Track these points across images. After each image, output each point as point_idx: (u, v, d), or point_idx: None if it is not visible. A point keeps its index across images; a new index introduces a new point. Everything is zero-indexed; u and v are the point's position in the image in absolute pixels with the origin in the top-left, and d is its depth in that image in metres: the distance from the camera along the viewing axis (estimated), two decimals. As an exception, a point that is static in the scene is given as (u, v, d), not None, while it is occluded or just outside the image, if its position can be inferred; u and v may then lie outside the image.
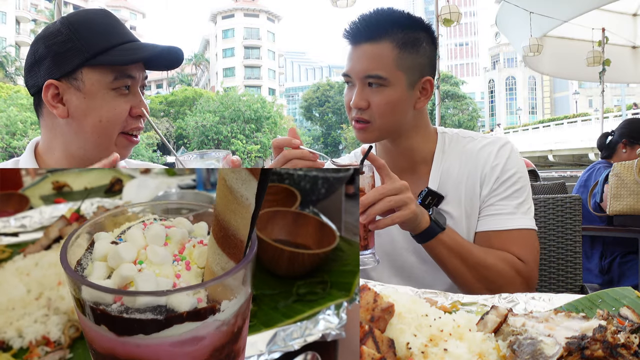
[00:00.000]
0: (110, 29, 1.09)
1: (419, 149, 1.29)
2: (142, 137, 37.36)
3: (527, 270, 1.17)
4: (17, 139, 28.52)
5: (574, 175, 8.56)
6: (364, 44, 1.18)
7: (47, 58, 1.07)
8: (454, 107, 44.92)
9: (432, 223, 1.08)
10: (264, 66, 63.36)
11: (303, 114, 57.17)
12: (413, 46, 1.18)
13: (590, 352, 0.55)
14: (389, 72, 1.16)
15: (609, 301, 0.74)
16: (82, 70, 1.06)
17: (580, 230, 1.65)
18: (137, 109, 1.11)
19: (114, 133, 1.10)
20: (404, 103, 1.20)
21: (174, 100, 44.87)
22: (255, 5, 64.50)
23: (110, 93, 1.08)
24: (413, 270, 1.28)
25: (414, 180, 1.28)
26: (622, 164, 2.66)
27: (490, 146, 1.26)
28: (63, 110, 1.08)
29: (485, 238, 1.22)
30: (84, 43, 1.05)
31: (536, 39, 7.83)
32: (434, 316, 0.65)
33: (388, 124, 1.21)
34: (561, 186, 4.07)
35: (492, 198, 1.22)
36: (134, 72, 1.10)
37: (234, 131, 39.52)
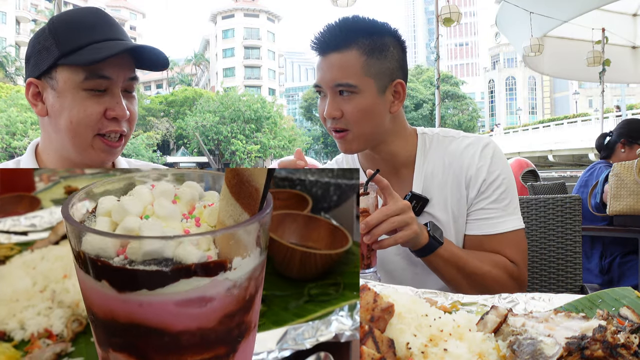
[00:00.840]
0: (88, 27, 1.06)
1: (400, 152, 1.29)
2: (142, 137, 37.44)
3: (518, 272, 1.20)
4: (17, 139, 28.52)
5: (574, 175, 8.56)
6: (331, 53, 1.18)
7: (32, 57, 1.07)
8: (454, 107, 44.92)
9: (430, 239, 1.10)
10: (264, 66, 63.35)
11: (303, 114, 57.13)
12: (380, 52, 1.19)
13: (590, 352, 0.55)
14: (357, 80, 1.17)
15: (609, 301, 0.74)
16: (56, 69, 1.04)
17: (580, 230, 1.65)
18: (111, 111, 1.06)
19: (86, 135, 1.06)
20: (377, 108, 1.20)
21: (174, 100, 44.85)
22: (255, 5, 64.50)
23: (81, 93, 1.04)
24: (404, 274, 1.28)
25: (397, 184, 1.28)
26: (622, 164, 2.66)
27: (473, 147, 1.25)
28: (42, 109, 1.08)
29: (476, 241, 1.24)
30: (57, 41, 1.03)
31: (536, 39, 7.83)
32: (433, 316, 0.65)
33: (365, 130, 1.21)
34: (561, 186, 4.07)
35: (480, 202, 1.23)
36: (109, 72, 1.05)
37: (234, 131, 39.52)
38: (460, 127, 41.52)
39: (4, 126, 28.52)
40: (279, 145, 41.05)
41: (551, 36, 8.34)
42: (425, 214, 1.26)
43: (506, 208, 1.22)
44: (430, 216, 1.25)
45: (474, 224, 1.24)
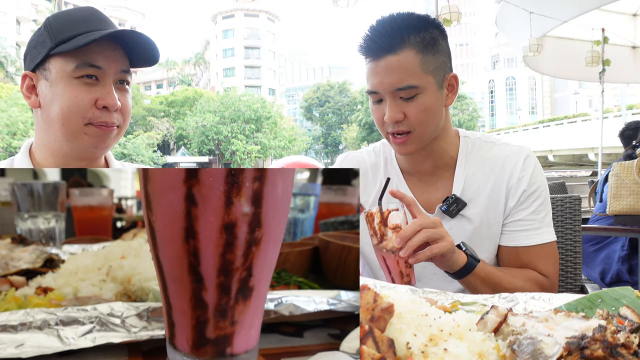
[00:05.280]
0: (80, 20, 1.10)
1: (443, 152, 1.28)
2: (143, 137, 37.40)
3: (550, 285, 1.21)
4: (17, 139, 28.49)
5: (574, 175, 8.55)
6: (387, 56, 1.13)
7: (28, 53, 1.12)
8: (454, 107, 44.84)
9: (469, 258, 1.09)
10: (264, 66, 63.29)
11: (303, 114, 57.14)
12: (432, 46, 1.16)
13: (590, 352, 0.55)
14: (419, 79, 1.14)
15: (609, 301, 0.74)
16: (50, 59, 1.08)
17: (580, 230, 1.65)
18: (102, 100, 1.09)
19: (77, 122, 1.08)
20: (438, 105, 1.18)
21: (174, 100, 44.82)
22: (255, 5, 64.44)
23: (73, 81, 1.08)
24: (422, 271, 1.28)
25: (435, 183, 1.28)
26: (621, 164, 2.66)
27: (515, 156, 1.25)
28: (35, 100, 1.11)
29: (512, 253, 1.24)
30: (51, 34, 1.08)
31: (536, 39, 7.83)
32: (433, 316, 0.65)
33: (429, 130, 1.19)
34: (561, 186, 4.07)
35: (519, 212, 1.23)
36: (100, 61, 1.08)
37: (234, 131, 39.50)
38: (460, 127, 41.29)
39: (4, 126, 28.50)
40: (279, 145, 41.04)
41: (551, 36, 8.34)
42: (460, 217, 1.25)
43: (543, 220, 1.23)
44: (465, 219, 1.24)
45: (510, 235, 1.24)
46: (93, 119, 1.09)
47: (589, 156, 22.41)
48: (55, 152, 1.14)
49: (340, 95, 53.73)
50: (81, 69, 1.07)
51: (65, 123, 1.08)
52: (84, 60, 1.07)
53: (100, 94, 1.09)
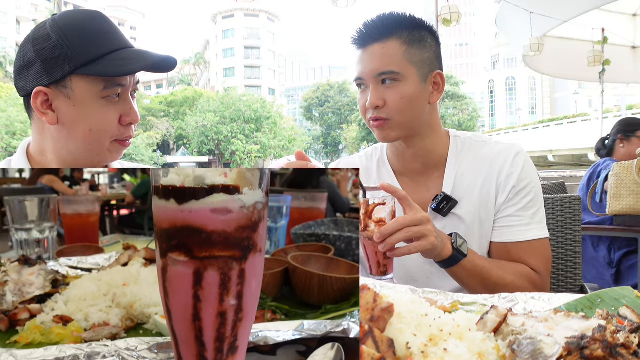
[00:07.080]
0: (102, 35, 1.05)
1: (433, 150, 1.29)
2: (143, 137, 37.44)
3: (541, 281, 1.21)
4: (17, 139, 28.51)
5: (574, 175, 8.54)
6: (373, 44, 1.20)
7: (36, 63, 1.04)
8: (454, 107, 44.91)
9: (454, 252, 1.09)
10: (264, 66, 63.36)
11: (303, 114, 57.16)
12: (419, 42, 1.21)
13: (590, 352, 0.55)
14: (400, 67, 1.18)
15: (609, 301, 0.74)
16: (71, 78, 1.03)
17: (580, 230, 1.65)
18: (127, 117, 1.09)
19: (105, 141, 1.08)
20: (419, 97, 1.21)
21: (174, 100, 44.86)
22: (255, 5, 64.49)
23: (100, 102, 1.05)
24: (420, 272, 1.29)
25: (426, 183, 1.29)
26: (621, 164, 2.67)
27: (505, 153, 1.26)
28: (53, 117, 1.06)
29: (502, 249, 1.24)
30: (74, 51, 1.02)
31: (536, 39, 7.84)
32: (433, 316, 0.65)
33: (406, 119, 1.21)
34: (561, 186, 4.07)
35: (508, 208, 1.24)
36: (125, 80, 1.07)
37: (234, 131, 39.55)
38: (460, 127, 41.49)
39: (3, 126, 28.53)
40: (279, 145, 41.08)
41: (551, 36, 8.34)
42: (452, 215, 1.26)
43: (533, 216, 1.23)
44: (457, 217, 1.25)
45: (500, 231, 1.25)
46: (119, 136, 1.09)
47: (589, 156, 22.40)
48: (65, 161, 1.12)
49: (340, 95, 53.76)
50: (110, 89, 1.05)
51: (91, 142, 1.07)
52: (113, 81, 1.05)
53: (123, 110, 1.08)
